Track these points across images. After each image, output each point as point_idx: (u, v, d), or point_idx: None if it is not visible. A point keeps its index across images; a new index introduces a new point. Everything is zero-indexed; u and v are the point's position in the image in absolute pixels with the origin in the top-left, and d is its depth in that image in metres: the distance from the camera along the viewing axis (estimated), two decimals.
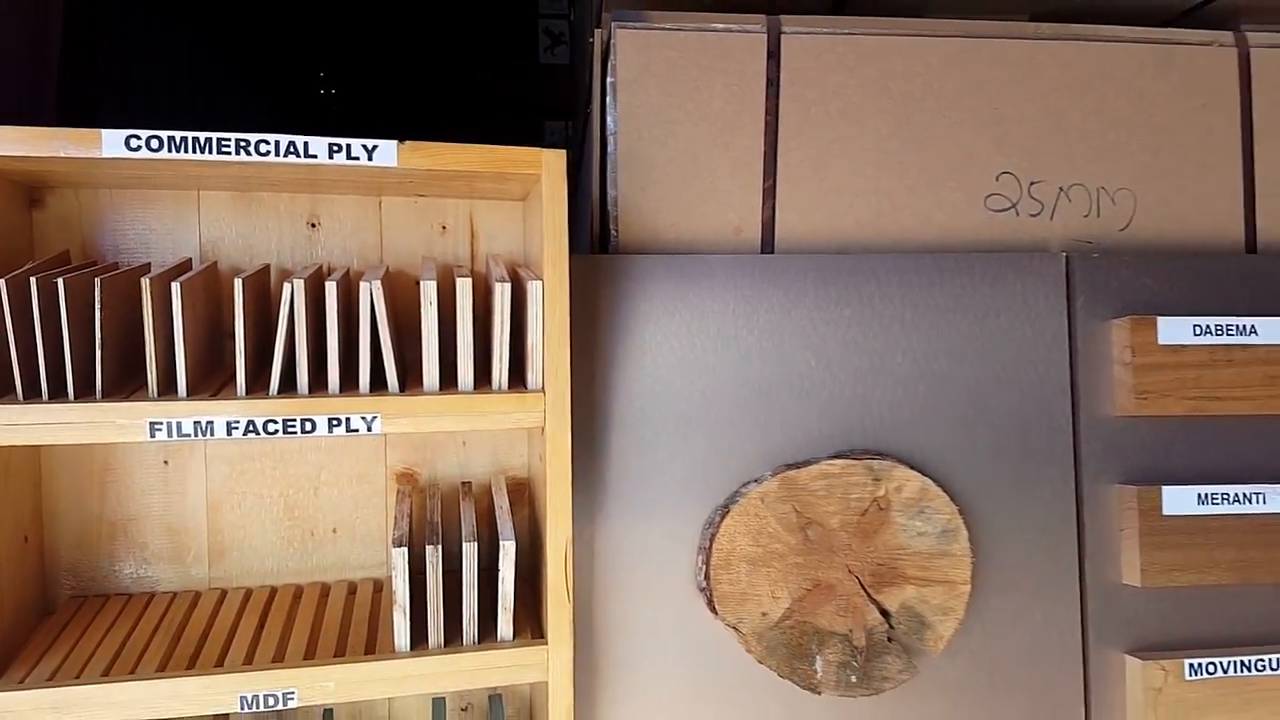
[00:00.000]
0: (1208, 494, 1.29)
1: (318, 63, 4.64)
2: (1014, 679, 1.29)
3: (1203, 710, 1.27)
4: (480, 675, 1.10)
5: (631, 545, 1.25)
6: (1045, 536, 1.31)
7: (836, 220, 1.34)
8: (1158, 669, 1.27)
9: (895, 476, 1.24)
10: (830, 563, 1.23)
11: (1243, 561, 1.30)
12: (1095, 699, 1.30)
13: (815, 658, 1.22)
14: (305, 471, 1.27)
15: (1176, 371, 1.30)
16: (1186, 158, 1.41)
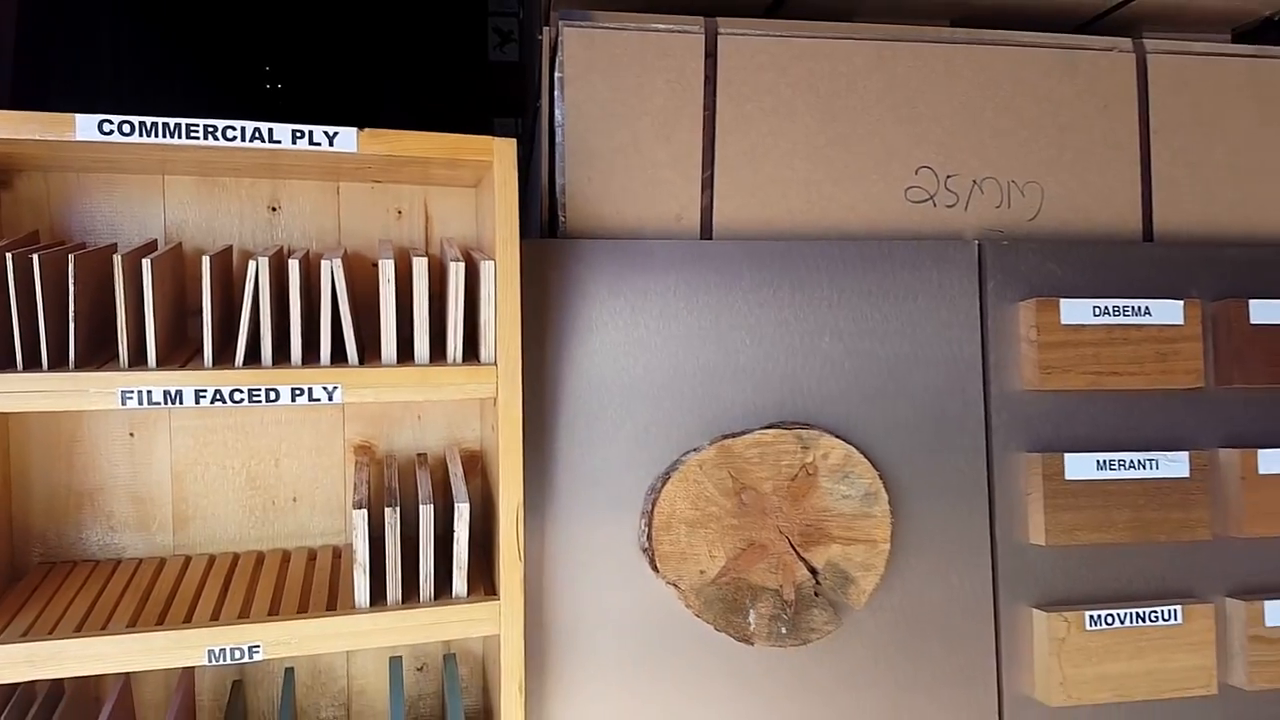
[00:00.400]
0: (1106, 460, 1.42)
1: (264, 56, 4.64)
2: (931, 631, 1.40)
3: (1101, 657, 1.39)
4: (436, 629, 1.17)
5: (579, 511, 1.33)
6: (959, 500, 1.42)
7: (770, 209, 1.44)
8: (1061, 621, 1.39)
9: (822, 445, 1.34)
10: (763, 524, 1.32)
11: (1138, 521, 1.42)
12: (1005, 649, 1.42)
13: (749, 611, 1.31)
14: (266, 444, 1.33)
15: (1077, 349, 1.42)
16: (1089, 154, 1.53)
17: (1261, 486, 1.46)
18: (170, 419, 1.29)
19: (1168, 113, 1.55)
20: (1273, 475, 1.46)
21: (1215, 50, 1.59)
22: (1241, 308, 1.46)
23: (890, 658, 1.39)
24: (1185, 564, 1.47)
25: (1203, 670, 1.42)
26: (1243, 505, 1.45)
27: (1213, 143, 1.56)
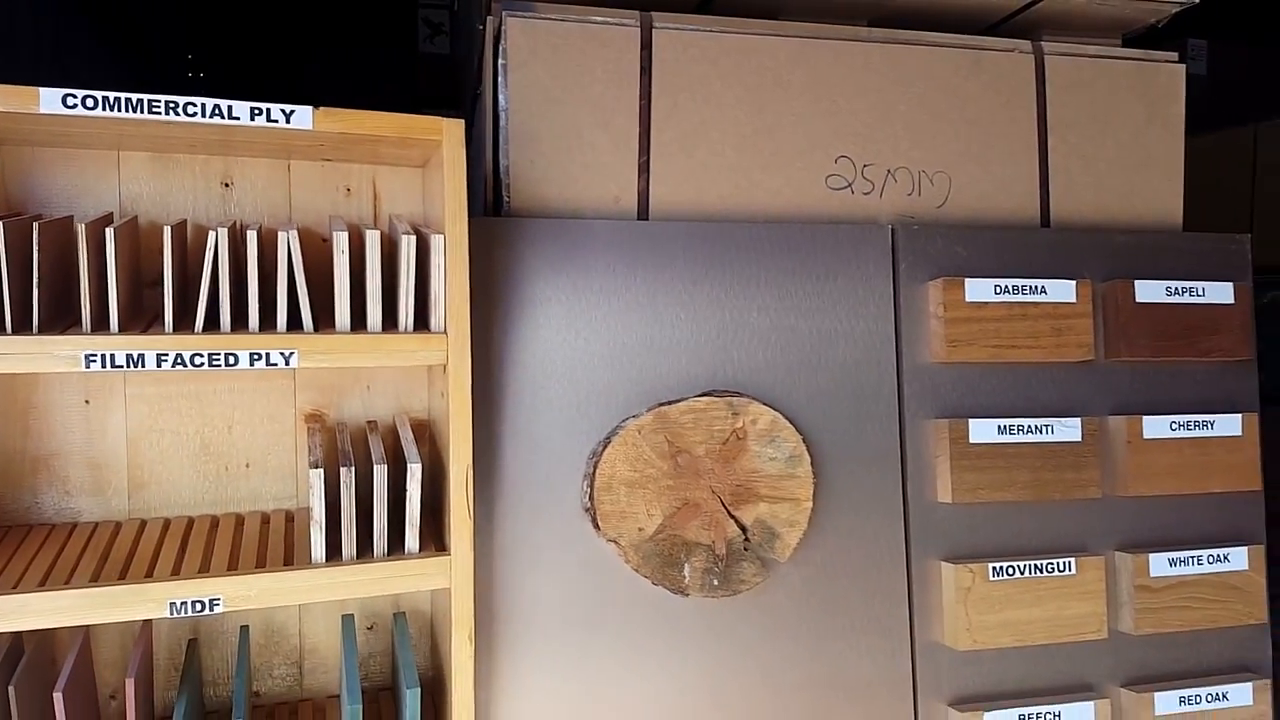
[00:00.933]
0: (1006, 425, 1.55)
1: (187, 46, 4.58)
2: (849, 583, 1.52)
3: (1003, 605, 1.52)
4: (390, 583, 1.24)
5: (525, 474, 1.41)
6: (874, 463, 1.54)
7: (702, 194, 1.54)
8: (967, 572, 1.51)
9: (751, 411, 1.45)
10: (696, 485, 1.42)
11: (1035, 481, 1.56)
12: (916, 598, 1.54)
13: (684, 565, 1.41)
14: (220, 411, 1.38)
15: (980, 324, 1.55)
16: (993, 146, 1.67)
17: (1146, 450, 1.61)
18: (125, 387, 1.33)
19: (1063, 109, 1.70)
20: (1156, 440, 1.61)
21: (1107, 53, 1.74)
22: (1128, 288, 1.61)
23: (812, 608, 1.50)
24: (1078, 520, 1.61)
25: (1094, 616, 1.56)
26: (1129, 467, 1.60)
27: (1104, 138, 1.71)
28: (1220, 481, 1.63)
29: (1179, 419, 1.61)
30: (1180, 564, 1.60)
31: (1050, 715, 1.53)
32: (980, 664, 1.55)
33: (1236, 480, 1.64)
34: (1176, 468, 1.61)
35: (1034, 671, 1.57)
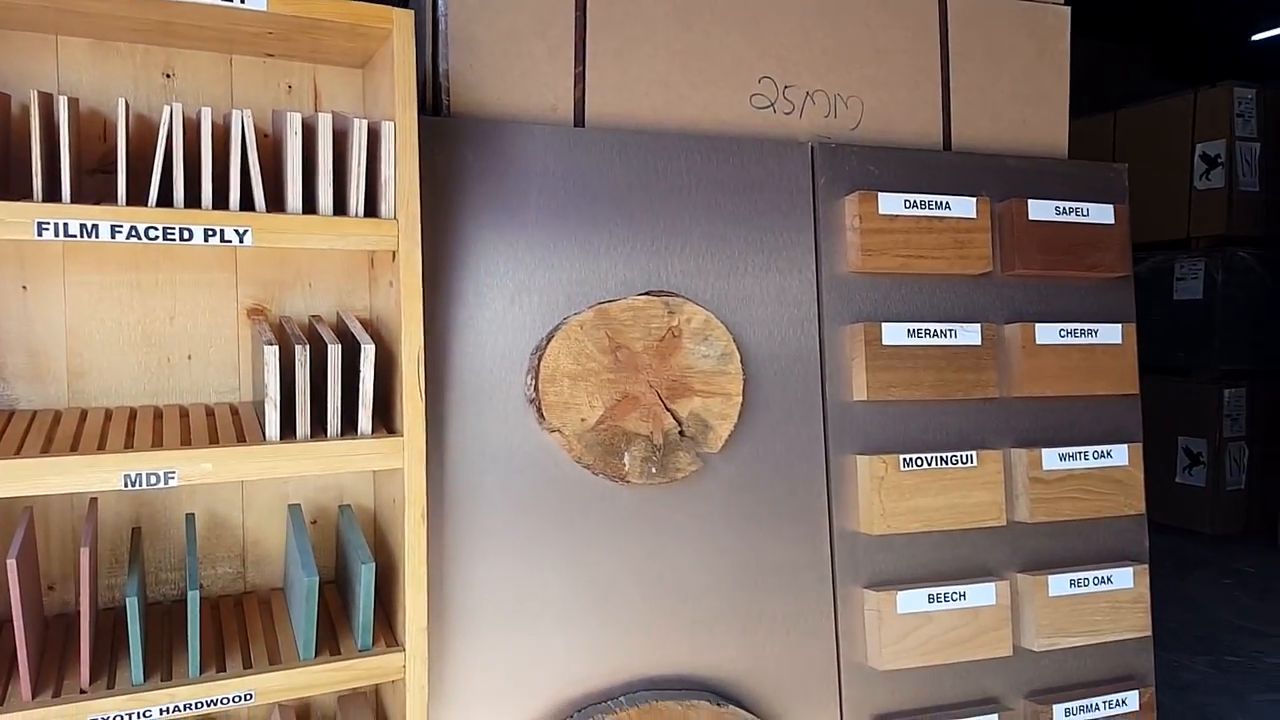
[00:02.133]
0: (915, 329, 1.67)
1: None
2: (775, 474, 1.61)
3: (913, 493, 1.65)
4: (344, 461, 1.27)
5: (469, 368, 1.45)
6: (796, 364, 1.64)
7: (635, 105, 1.61)
8: (880, 463, 1.63)
9: (686, 311, 1.52)
10: (635, 379, 1.49)
11: (940, 381, 1.69)
12: (835, 490, 1.65)
13: (624, 454, 1.48)
14: (161, 302, 1.37)
15: (892, 235, 1.67)
16: (901, 75, 1.79)
17: (1038, 355, 1.76)
18: (65, 274, 1.31)
19: (963, 44, 1.84)
20: (1046, 345, 1.76)
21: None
22: (1022, 206, 1.75)
23: (742, 497, 1.59)
24: (979, 419, 1.75)
25: (994, 505, 1.70)
26: (1023, 370, 1.75)
27: (999, 71, 1.85)
28: (1104, 385, 1.80)
29: (1067, 327, 1.77)
30: (1069, 459, 1.76)
31: (956, 595, 1.66)
32: (892, 549, 1.68)
33: (1118, 384, 1.81)
34: (1065, 371, 1.77)
35: (941, 557, 1.70)
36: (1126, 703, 1.77)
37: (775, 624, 1.60)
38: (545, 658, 1.48)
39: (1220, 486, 5.74)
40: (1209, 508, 5.84)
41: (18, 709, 1.12)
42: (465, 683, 1.44)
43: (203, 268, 1.39)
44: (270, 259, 1.43)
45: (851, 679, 1.64)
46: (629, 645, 1.52)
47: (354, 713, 1.43)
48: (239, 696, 1.22)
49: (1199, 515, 5.87)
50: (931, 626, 1.64)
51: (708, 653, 1.56)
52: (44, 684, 1.17)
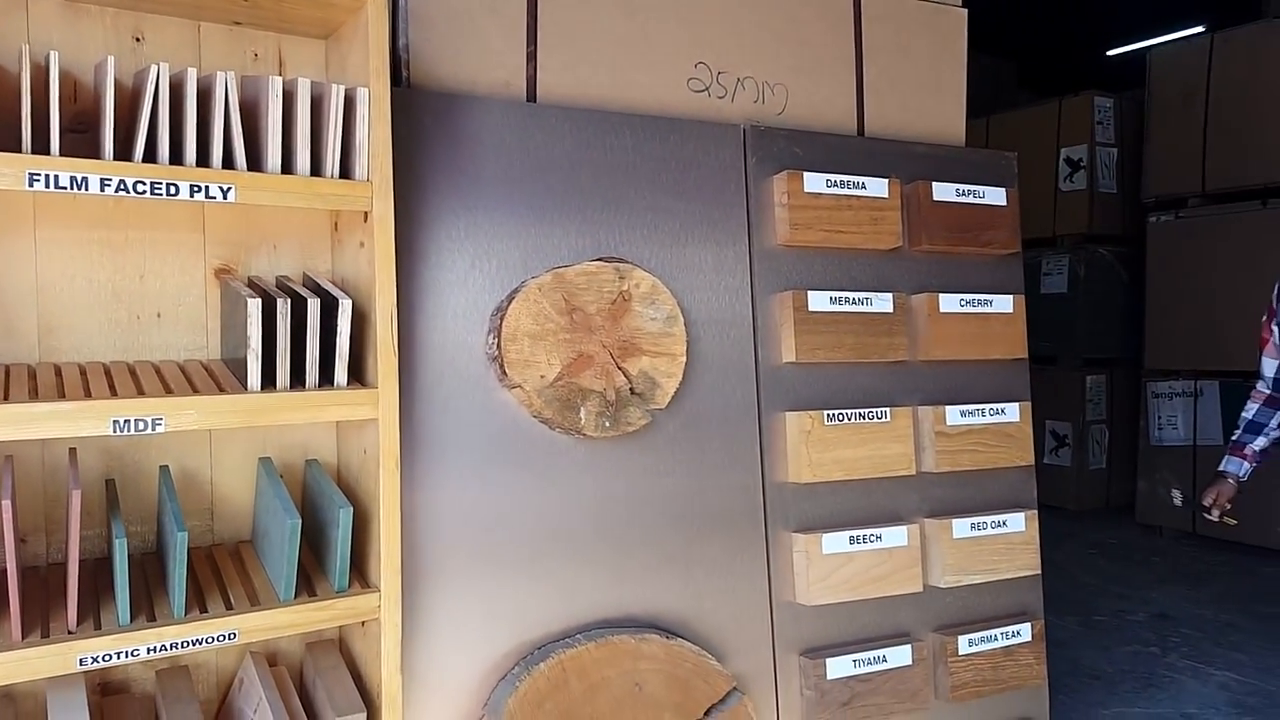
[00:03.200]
0: (836, 297, 1.83)
1: None
2: (714, 428, 1.74)
3: (836, 445, 1.80)
4: (323, 410, 1.33)
5: (435, 324, 1.53)
6: (732, 329, 1.78)
7: (584, 85, 1.71)
8: (807, 418, 1.78)
9: (635, 276, 1.64)
10: (589, 339, 1.60)
11: (859, 344, 1.85)
12: (766, 441, 1.79)
13: (580, 409, 1.58)
14: (131, 260, 1.40)
15: (816, 211, 1.83)
16: (821, 65, 1.95)
17: (941, 322, 1.94)
18: (36, 230, 1.33)
19: (876, 39, 2.01)
20: (949, 314, 1.95)
21: None
22: (927, 188, 1.94)
23: (685, 449, 1.72)
24: (891, 379, 1.92)
25: (905, 456, 1.88)
26: (929, 335, 1.93)
27: (906, 64, 2.04)
28: (998, 349, 2.00)
29: (966, 297, 1.96)
30: (969, 415, 1.95)
31: (873, 537, 1.83)
32: (817, 497, 1.83)
33: (1010, 349, 2.02)
34: (965, 337, 1.96)
35: (860, 504, 1.87)
36: (1021, 634, 1.98)
37: (715, 566, 1.74)
38: (508, 601, 1.57)
39: (1083, 466, 6.22)
40: (1074, 486, 6.32)
41: (7, 649, 1.15)
42: (432, 625, 1.51)
43: (172, 227, 1.43)
44: (238, 221, 1.47)
45: (782, 616, 1.79)
46: (586, 589, 1.62)
47: (322, 658, 1.49)
48: (223, 636, 1.27)
49: (1065, 493, 6.35)
50: (853, 565, 1.80)
51: (656, 594, 1.68)
52: (30, 627, 1.20)
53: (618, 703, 1.55)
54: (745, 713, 1.65)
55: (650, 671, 1.58)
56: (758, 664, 1.76)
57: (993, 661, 1.94)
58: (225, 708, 1.43)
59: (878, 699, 1.81)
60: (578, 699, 1.53)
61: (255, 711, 1.37)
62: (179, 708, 1.34)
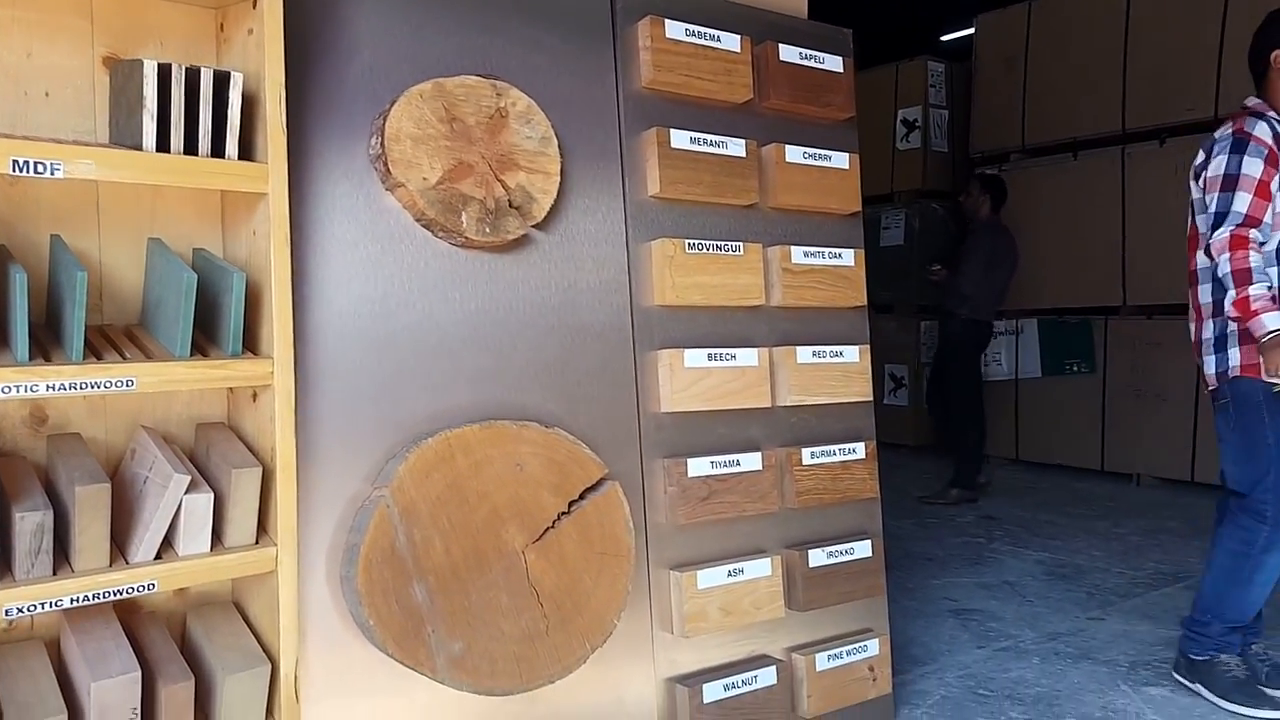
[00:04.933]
0: (696, 138, 2.01)
1: None
2: (587, 251, 1.90)
3: (696, 271, 1.99)
4: (219, 179, 1.41)
5: (321, 125, 1.62)
6: (602, 160, 1.94)
7: None
8: (671, 244, 1.96)
9: (512, 95, 1.77)
10: (469, 150, 1.72)
11: (716, 183, 2.04)
12: (634, 267, 1.96)
13: (462, 214, 1.70)
14: (19, 38, 1.43)
15: (677, 56, 2.00)
16: None
17: (788, 171, 2.15)
18: None
19: None
20: (795, 164, 2.16)
21: None
22: (775, 48, 2.14)
23: (560, 267, 1.86)
24: (744, 220, 2.12)
25: (756, 286, 2.08)
26: (777, 182, 2.14)
27: None
28: (835, 201, 2.23)
29: (809, 150, 2.18)
30: (811, 256, 2.18)
31: (728, 355, 2.02)
32: (679, 320, 2.01)
33: (845, 203, 2.25)
34: (807, 186, 2.18)
35: (716, 329, 2.06)
36: (856, 451, 2.22)
37: (587, 376, 1.89)
38: (395, 395, 1.67)
39: (920, 405, 6.71)
40: (912, 424, 6.81)
41: None
42: (328, 412, 1.60)
43: (59, 11, 1.46)
44: (125, 12, 1.52)
45: (648, 424, 1.96)
46: (468, 388, 1.74)
47: (214, 433, 1.55)
48: (121, 382, 1.34)
49: (904, 431, 6.83)
50: (710, 379, 1.99)
51: (534, 398, 1.82)
52: None
53: (500, 479, 1.68)
54: (616, 497, 1.81)
55: (530, 454, 1.72)
56: (627, 466, 1.93)
57: (832, 473, 2.17)
58: (118, 478, 1.48)
59: (732, 497, 2.01)
60: (464, 472, 1.65)
61: (150, 470, 1.43)
62: (75, 460, 1.39)
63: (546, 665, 1.70)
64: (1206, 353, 2.48)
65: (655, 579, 1.96)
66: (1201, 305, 2.49)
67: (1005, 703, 2.43)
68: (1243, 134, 2.34)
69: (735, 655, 2.06)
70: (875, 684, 2.20)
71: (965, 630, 3.03)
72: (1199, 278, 2.49)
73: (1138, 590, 3.46)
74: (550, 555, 1.73)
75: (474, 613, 1.64)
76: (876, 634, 2.24)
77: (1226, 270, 2.28)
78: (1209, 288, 2.45)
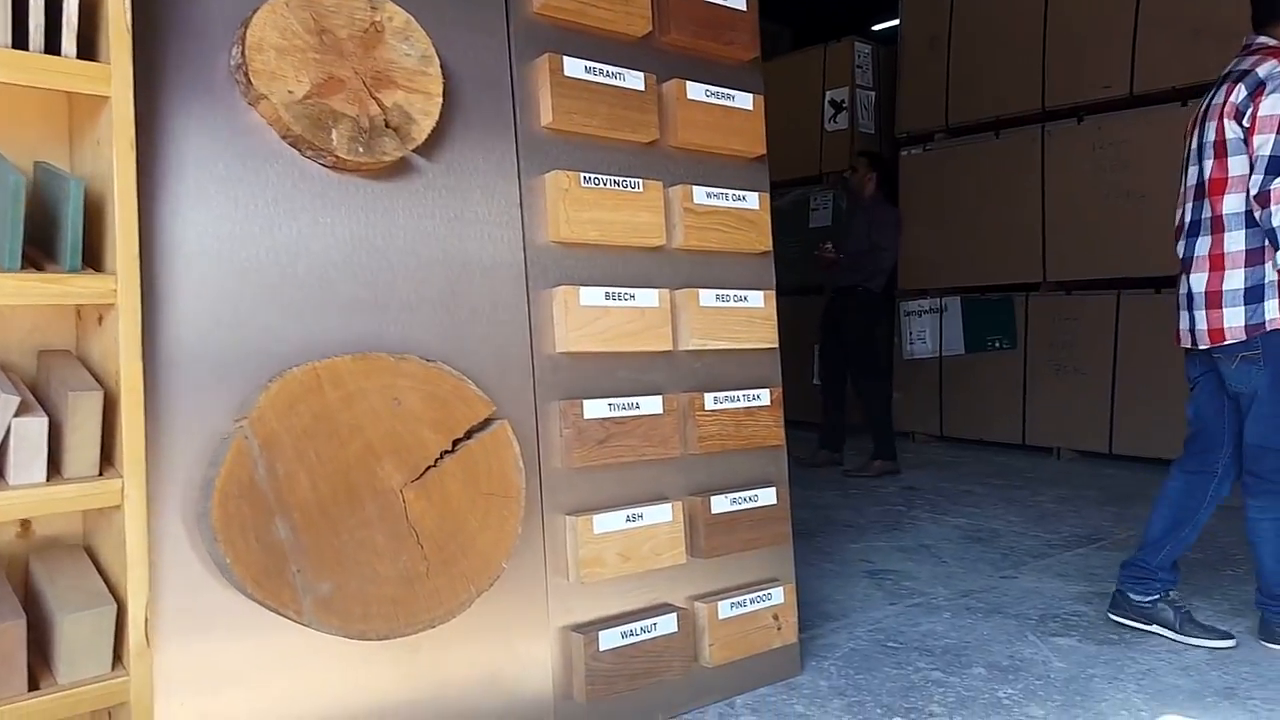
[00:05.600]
0: (591, 68, 1.94)
1: None
2: (475, 182, 1.81)
3: (592, 206, 1.92)
4: (49, 77, 1.30)
5: (175, 37, 1.51)
6: (491, 88, 1.85)
7: None
8: (565, 176, 1.88)
9: (388, 9, 1.67)
10: (341, 64, 1.62)
11: (614, 116, 1.97)
12: (526, 201, 1.88)
13: (332, 131, 1.60)
14: None
15: None
16: None
17: (690, 108, 2.09)
18: None
19: None
20: (696, 101, 2.10)
21: None
22: None
23: (446, 197, 1.77)
24: (644, 158, 2.06)
25: (656, 226, 2.02)
26: (678, 119, 2.08)
27: None
28: (739, 142, 2.18)
29: (711, 89, 2.13)
30: (714, 198, 2.12)
31: (627, 295, 1.95)
32: (575, 258, 1.94)
33: (748, 145, 2.20)
34: (711, 125, 2.12)
35: (616, 269, 1.99)
36: (760, 398, 2.17)
37: (476, 314, 1.80)
38: (258, 324, 1.57)
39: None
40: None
41: None
42: (185, 339, 1.50)
43: None
44: None
45: (543, 366, 1.89)
46: (342, 320, 1.65)
47: (55, 359, 1.44)
48: None
49: None
50: (609, 319, 1.93)
51: (416, 334, 1.73)
52: None
53: (376, 413, 1.59)
54: (505, 436, 1.73)
55: (409, 389, 1.63)
56: (521, 407, 1.85)
57: (736, 419, 2.12)
58: None
59: (631, 441, 1.94)
60: (334, 405, 1.56)
61: None
62: None
63: (426, 609, 1.62)
64: (1231, 304, 2.30)
65: (550, 525, 1.89)
66: (1229, 254, 2.30)
67: (914, 654, 2.41)
68: None
69: (636, 604, 2.00)
70: (780, 633, 2.16)
71: (879, 589, 3.01)
72: (1226, 224, 2.31)
73: (1052, 551, 3.49)
74: (432, 495, 1.64)
75: (345, 552, 1.55)
76: (782, 583, 2.20)
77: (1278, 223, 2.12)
78: (1242, 234, 2.27)
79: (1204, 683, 2.23)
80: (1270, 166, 2.18)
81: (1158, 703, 2.13)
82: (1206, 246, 2.37)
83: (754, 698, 2.13)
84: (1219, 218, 2.33)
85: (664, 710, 2.01)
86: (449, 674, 1.73)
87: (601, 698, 1.87)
